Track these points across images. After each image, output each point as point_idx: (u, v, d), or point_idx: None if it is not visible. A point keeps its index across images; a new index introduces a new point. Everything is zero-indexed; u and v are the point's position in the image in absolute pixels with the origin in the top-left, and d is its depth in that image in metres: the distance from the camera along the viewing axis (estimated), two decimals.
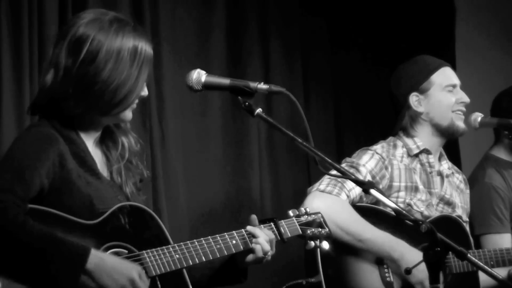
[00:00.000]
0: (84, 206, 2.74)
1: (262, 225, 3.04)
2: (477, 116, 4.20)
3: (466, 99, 4.03)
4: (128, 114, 2.89)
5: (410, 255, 3.67)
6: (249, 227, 3.00)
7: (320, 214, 3.23)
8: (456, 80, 4.05)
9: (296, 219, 3.16)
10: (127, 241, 2.77)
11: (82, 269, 2.58)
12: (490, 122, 4.25)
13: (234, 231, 2.97)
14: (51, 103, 2.82)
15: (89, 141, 2.90)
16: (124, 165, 2.94)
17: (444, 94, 4.01)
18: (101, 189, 2.82)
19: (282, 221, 3.11)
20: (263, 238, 2.98)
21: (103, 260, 2.63)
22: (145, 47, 2.86)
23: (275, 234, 3.05)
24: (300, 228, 3.15)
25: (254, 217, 3.05)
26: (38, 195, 2.68)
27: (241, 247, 2.97)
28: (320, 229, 3.18)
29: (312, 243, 3.14)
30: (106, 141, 2.96)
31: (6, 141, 3.80)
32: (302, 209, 3.22)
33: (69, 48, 2.80)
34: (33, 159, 2.69)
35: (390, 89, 4.13)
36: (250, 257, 3.00)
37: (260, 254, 2.98)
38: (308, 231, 3.15)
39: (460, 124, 4.03)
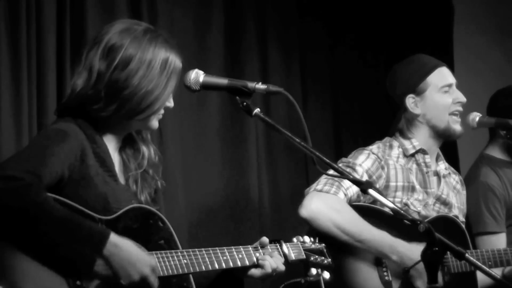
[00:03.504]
0: (99, 202, 2.81)
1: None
2: (475, 116, 4.20)
3: (463, 99, 4.00)
4: (154, 123, 3.01)
5: (408, 256, 3.68)
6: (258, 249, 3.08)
7: (323, 245, 3.30)
8: (452, 79, 4.02)
9: (300, 244, 3.23)
10: (137, 240, 2.80)
11: (99, 254, 2.65)
12: (488, 122, 4.24)
13: (240, 247, 3.03)
14: (79, 106, 2.91)
15: (110, 145, 2.98)
16: (141, 174, 3.03)
17: (440, 95, 3.98)
18: (116, 190, 2.89)
19: (288, 243, 3.18)
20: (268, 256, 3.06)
21: (118, 248, 2.68)
22: (175, 60, 2.97)
23: (279, 254, 3.11)
24: (304, 253, 3.21)
25: (265, 239, 3.11)
26: (56, 185, 2.75)
27: (247, 262, 3.03)
28: (323, 258, 3.25)
29: (314, 270, 3.20)
30: (127, 149, 3.05)
31: (5, 141, 3.80)
32: (307, 237, 3.28)
33: (103, 54, 2.91)
34: (57, 148, 2.77)
35: (386, 90, 4.12)
36: (257, 271, 3.06)
37: (269, 270, 3.03)
38: (312, 258, 3.22)
39: (457, 127, 4.00)
